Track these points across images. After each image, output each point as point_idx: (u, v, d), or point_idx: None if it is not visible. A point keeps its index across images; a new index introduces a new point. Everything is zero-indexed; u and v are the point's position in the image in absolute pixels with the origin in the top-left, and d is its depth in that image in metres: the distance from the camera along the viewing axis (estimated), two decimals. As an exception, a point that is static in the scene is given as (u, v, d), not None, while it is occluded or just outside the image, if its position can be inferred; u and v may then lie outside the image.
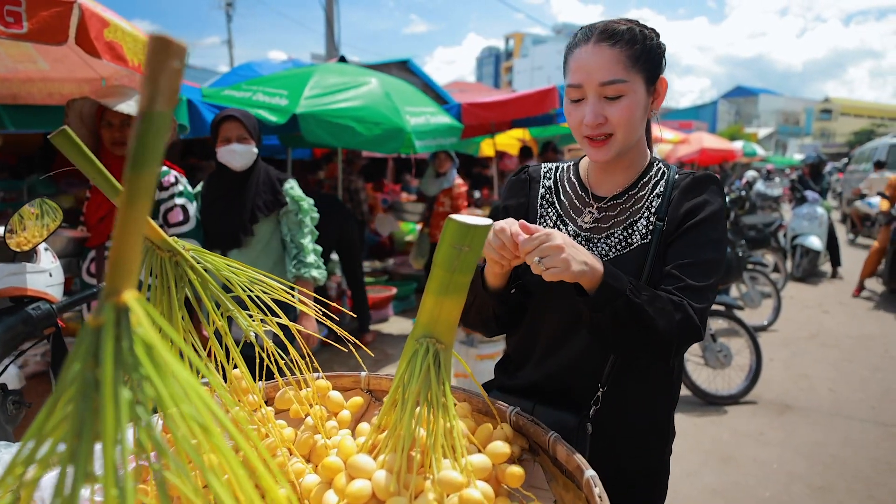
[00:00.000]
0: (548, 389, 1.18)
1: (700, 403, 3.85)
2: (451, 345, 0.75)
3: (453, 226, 0.66)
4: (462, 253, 0.67)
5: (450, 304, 0.71)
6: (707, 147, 16.33)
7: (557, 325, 1.16)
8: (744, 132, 36.91)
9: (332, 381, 1.20)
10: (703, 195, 1.12)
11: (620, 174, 1.18)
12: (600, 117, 1.07)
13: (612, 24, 1.08)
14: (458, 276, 0.69)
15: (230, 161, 2.48)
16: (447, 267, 0.69)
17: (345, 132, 4.08)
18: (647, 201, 1.15)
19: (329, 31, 12.82)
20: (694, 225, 1.09)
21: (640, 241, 1.12)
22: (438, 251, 0.69)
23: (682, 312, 1.01)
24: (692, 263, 1.07)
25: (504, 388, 1.24)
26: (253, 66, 5.70)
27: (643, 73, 1.07)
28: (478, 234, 0.66)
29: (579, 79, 1.07)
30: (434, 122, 4.74)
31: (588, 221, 1.17)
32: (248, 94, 4.29)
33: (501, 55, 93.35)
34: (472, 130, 5.95)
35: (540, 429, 0.95)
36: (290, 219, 2.56)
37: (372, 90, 4.40)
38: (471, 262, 0.68)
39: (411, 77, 10.02)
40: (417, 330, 0.74)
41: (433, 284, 0.71)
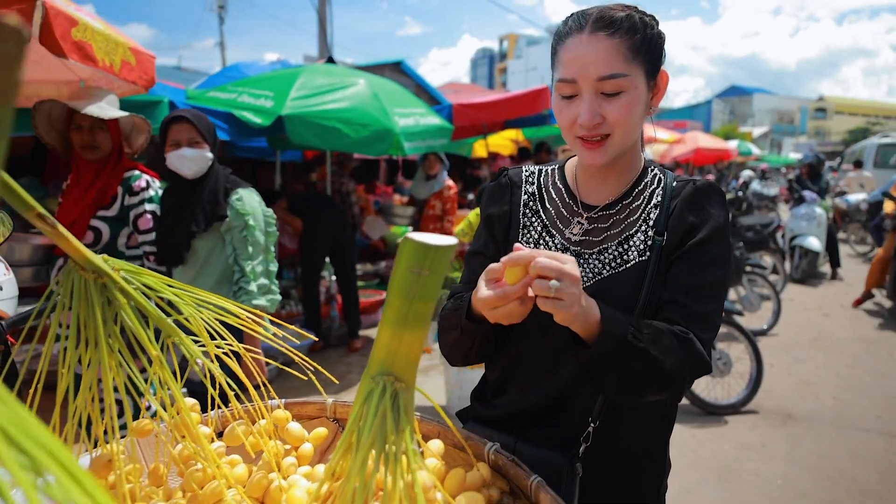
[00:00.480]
0: (531, 423, 1.06)
1: (699, 413, 3.74)
2: (413, 383, 0.64)
3: (410, 246, 0.55)
4: (421, 278, 0.56)
5: (410, 336, 0.60)
6: (702, 147, 16.27)
7: (545, 349, 1.04)
8: (738, 131, 36.91)
9: (295, 408, 1.08)
10: (707, 207, 1.00)
11: (613, 180, 1.06)
12: (597, 116, 0.94)
13: (608, 11, 0.95)
14: (419, 305, 0.58)
15: (179, 167, 2.20)
16: (405, 294, 0.58)
17: (331, 134, 3.98)
18: (644, 212, 1.03)
19: (322, 33, 12.73)
20: (698, 243, 0.98)
21: (638, 257, 1.00)
22: (394, 276, 0.59)
23: (688, 348, 0.91)
24: (698, 287, 0.96)
25: (482, 419, 1.12)
26: (241, 68, 5.59)
27: (644, 65, 0.96)
28: (439, 256, 0.56)
29: (573, 73, 0.95)
30: (423, 123, 4.64)
31: (577, 233, 1.05)
32: (233, 96, 4.19)
33: (496, 56, 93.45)
34: (463, 131, 5.87)
35: (522, 471, 0.84)
36: (234, 236, 2.24)
37: (360, 91, 4.30)
38: (432, 288, 0.57)
39: (404, 78, 9.93)
40: (373, 367, 0.63)
41: (389, 315, 0.60)
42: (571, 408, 1.03)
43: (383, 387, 0.62)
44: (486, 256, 1.12)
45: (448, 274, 4.87)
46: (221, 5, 19.35)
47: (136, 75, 2.50)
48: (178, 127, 2.20)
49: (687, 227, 0.99)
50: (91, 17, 2.31)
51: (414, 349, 0.62)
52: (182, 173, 2.21)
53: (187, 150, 2.18)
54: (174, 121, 2.22)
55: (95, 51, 2.19)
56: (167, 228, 2.24)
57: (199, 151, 2.20)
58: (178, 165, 2.20)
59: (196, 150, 2.20)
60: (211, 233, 2.22)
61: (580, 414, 1.01)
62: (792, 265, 7.56)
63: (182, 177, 2.23)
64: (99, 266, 0.77)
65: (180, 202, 2.25)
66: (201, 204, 2.21)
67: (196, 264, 2.24)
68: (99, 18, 2.38)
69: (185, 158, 2.19)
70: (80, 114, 2.12)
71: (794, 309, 6.25)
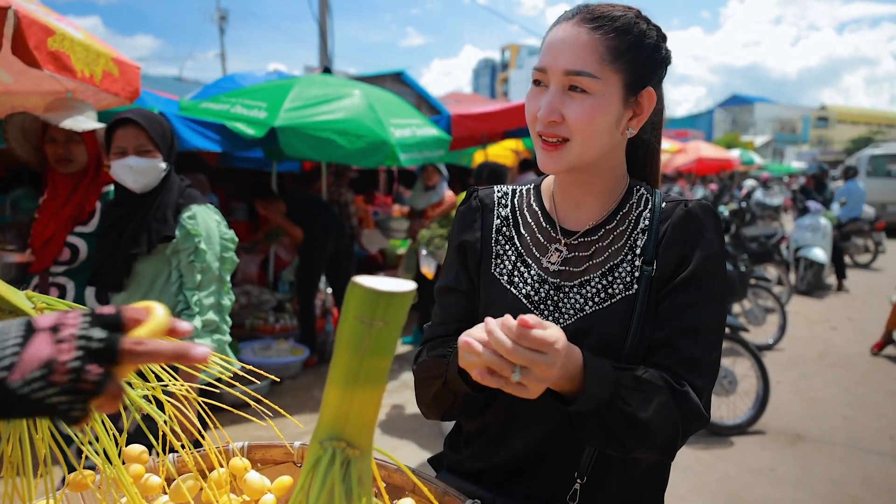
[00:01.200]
0: (511, 476, 0.95)
1: (704, 434, 3.60)
2: (369, 449, 0.54)
3: (358, 293, 0.47)
4: (374, 329, 0.48)
5: (363, 396, 0.51)
6: (704, 156, 16.19)
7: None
8: (740, 140, 36.82)
9: (259, 452, 0.98)
10: (701, 234, 0.89)
11: (592, 201, 0.95)
12: (555, 113, 0.85)
13: (605, 7, 0.87)
14: (372, 361, 0.50)
15: (124, 179, 1.87)
16: (354, 348, 0.49)
17: (326, 145, 3.91)
18: (630, 238, 0.92)
19: (322, 44, 12.73)
20: (691, 276, 0.87)
21: (625, 291, 0.89)
22: (341, 326, 0.50)
23: (683, 403, 0.82)
24: (693, 329, 0.86)
25: (455, 469, 1.02)
26: (235, 78, 5.53)
27: (623, 73, 0.85)
28: (394, 304, 0.48)
29: (545, 61, 0.87)
30: (420, 134, 4.56)
31: (555, 262, 0.94)
32: (226, 107, 4.13)
33: (497, 66, 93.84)
34: (462, 142, 5.80)
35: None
36: (182, 261, 1.89)
37: (355, 102, 4.23)
38: (387, 341, 0.49)
39: (405, 89, 9.88)
40: (321, 430, 0.54)
41: (337, 372, 0.51)
42: (555, 461, 0.92)
43: (332, 454, 0.53)
44: (461, 292, 1.00)
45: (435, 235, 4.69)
46: (222, 16, 19.43)
47: (120, 87, 2.42)
48: (123, 132, 1.88)
49: (679, 256, 0.89)
50: (72, 26, 2.23)
51: (368, 411, 0.52)
52: (127, 186, 1.89)
53: (134, 160, 1.85)
54: (119, 124, 1.89)
55: (74, 61, 2.11)
56: (107, 249, 1.93)
57: (148, 161, 1.87)
58: (123, 176, 1.87)
59: (145, 160, 1.87)
60: (157, 255, 1.91)
61: (565, 468, 0.90)
62: (797, 277, 7.44)
63: (128, 190, 1.92)
64: (17, 305, 0.68)
65: (124, 219, 1.94)
66: (146, 222, 1.90)
67: (139, 291, 1.92)
68: (81, 28, 2.31)
69: (130, 169, 1.85)
70: (53, 126, 2.03)
71: (800, 322, 6.12)
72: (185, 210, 1.93)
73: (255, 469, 0.90)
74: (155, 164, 1.89)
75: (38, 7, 2.11)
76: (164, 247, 1.91)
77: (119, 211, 1.95)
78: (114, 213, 1.97)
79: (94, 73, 2.26)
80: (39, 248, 2.19)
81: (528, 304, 0.93)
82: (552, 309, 0.92)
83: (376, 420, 0.53)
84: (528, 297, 0.93)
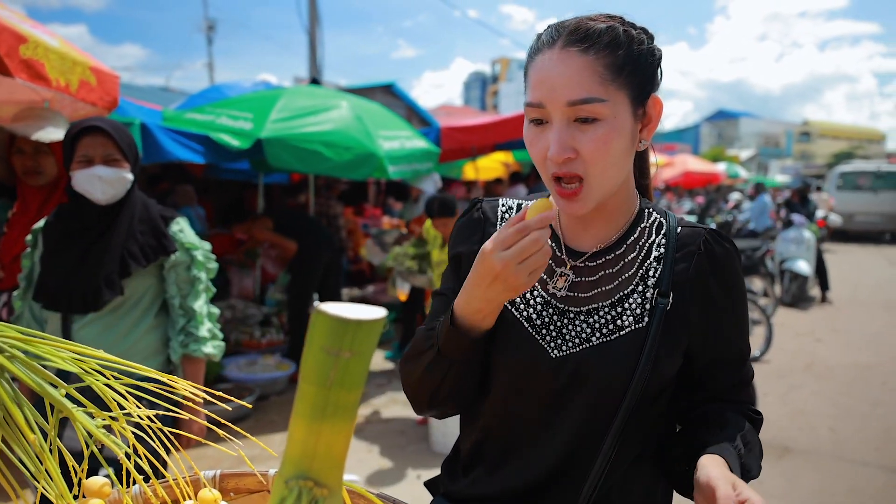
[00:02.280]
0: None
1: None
2: (338, 488, 0.50)
3: (323, 322, 0.43)
4: (341, 360, 0.44)
5: (330, 431, 0.47)
6: (691, 170, 16.35)
7: (534, 411, 0.88)
8: (726, 154, 37.28)
9: (232, 480, 0.93)
10: (733, 266, 0.90)
11: (602, 221, 0.90)
12: (569, 150, 0.78)
13: (586, 22, 0.80)
14: (339, 394, 0.45)
15: (90, 190, 1.73)
16: (320, 381, 0.45)
17: (313, 157, 3.87)
18: (642, 267, 0.88)
19: (312, 55, 12.73)
20: (736, 305, 0.91)
21: (635, 324, 0.85)
22: (306, 356, 0.45)
23: (756, 425, 0.92)
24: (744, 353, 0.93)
25: (452, 497, 0.97)
26: (222, 89, 5.48)
27: (628, 88, 0.80)
28: (362, 333, 0.43)
29: (540, 96, 0.80)
30: (409, 146, 4.54)
31: (562, 287, 0.89)
32: (211, 118, 4.08)
33: (488, 79, 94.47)
34: (451, 154, 5.79)
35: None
36: (180, 275, 1.85)
37: (342, 114, 4.20)
38: (355, 373, 0.45)
39: (395, 101, 9.89)
40: (286, 468, 0.49)
41: (302, 406, 0.46)
42: (557, 494, 0.88)
43: (298, 493, 0.48)
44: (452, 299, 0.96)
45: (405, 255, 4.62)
46: (210, 26, 19.36)
47: (97, 96, 2.37)
48: (89, 140, 1.75)
49: (712, 294, 0.88)
50: (48, 34, 2.19)
51: (337, 447, 0.48)
52: (93, 198, 1.74)
53: (102, 169, 1.73)
54: (85, 132, 1.76)
55: (48, 70, 2.06)
56: (69, 266, 1.76)
57: (116, 171, 1.75)
58: (89, 187, 1.73)
59: (113, 170, 1.74)
60: (144, 272, 1.82)
61: (567, 500, 0.86)
62: (782, 289, 7.49)
63: (89, 203, 1.76)
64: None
65: (86, 234, 1.79)
66: (132, 235, 1.79)
67: (121, 309, 1.80)
68: (58, 36, 2.26)
69: (98, 179, 1.72)
70: (21, 137, 1.97)
71: (786, 334, 6.15)
72: (174, 223, 1.86)
73: (227, 500, 0.85)
74: (123, 174, 1.77)
75: (11, 13, 2.06)
76: (163, 260, 1.83)
77: (76, 225, 1.80)
78: (70, 226, 1.81)
79: (69, 81, 2.21)
80: (10, 264, 2.12)
81: (530, 327, 0.88)
82: (555, 335, 0.87)
83: (346, 456, 0.49)
84: (529, 321, 0.88)
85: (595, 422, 0.85)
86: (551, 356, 0.86)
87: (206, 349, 1.86)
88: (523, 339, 0.87)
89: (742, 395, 0.93)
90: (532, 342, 0.87)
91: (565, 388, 0.85)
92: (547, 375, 0.86)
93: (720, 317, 0.88)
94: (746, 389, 0.94)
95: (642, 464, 0.89)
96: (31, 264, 1.83)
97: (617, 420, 0.83)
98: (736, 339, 0.91)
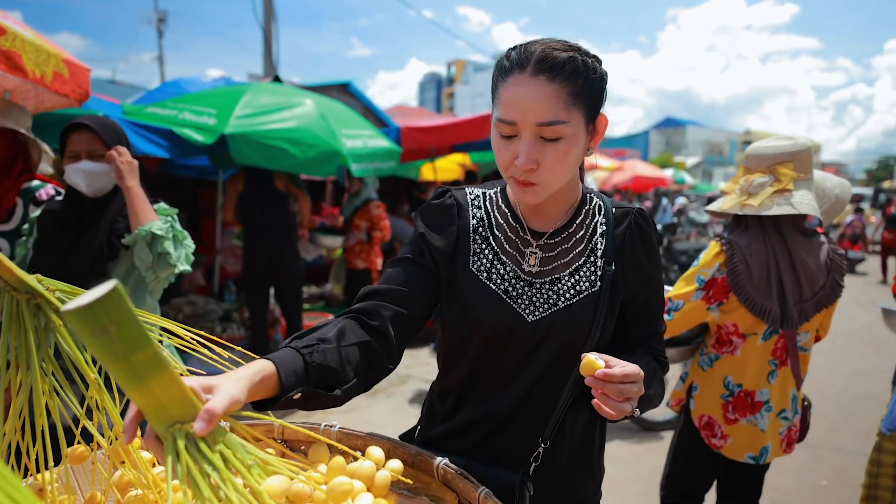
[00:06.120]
0: (480, 443, 1.07)
1: (637, 430, 3.85)
2: (195, 414, 0.59)
3: (74, 318, 0.49)
4: (112, 334, 0.50)
5: (157, 383, 0.55)
6: (640, 175, 16.97)
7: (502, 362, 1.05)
8: (673, 161, 38.70)
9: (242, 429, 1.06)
10: (653, 238, 1.10)
11: (552, 208, 1.09)
12: (533, 161, 0.94)
13: (552, 52, 0.93)
14: (135, 356, 0.52)
15: (77, 183, 1.85)
16: (114, 357, 0.52)
17: (277, 154, 3.93)
18: (591, 241, 1.07)
19: (267, 51, 12.58)
20: (657, 268, 1.10)
21: (590, 288, 1.04)
22: (91, 349, 0.52)
23: (665, 367, 1.13)
24: (660, 309, 1.13)
25: (426, 441, 1.13)
26: (181, 84, 5.44)
27: (584, 110, 0.95)
28: (110, 306, 0.49)
29: (513, 115, 0.94)
30: (371, 145, 4.65)
31: (534, 264, 1.06)
32: (173, 113, 4.08)
33: (443, 81, 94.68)
34: (411, 154, 5.91)
35: (470, 483, 0.85)
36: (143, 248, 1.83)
37: (307, 111, 4.27)
38: (133, 336, 0.51)
39: (352, 100, 9.91)
40: (157, 426, 0.58)
41: (123, 382, 0.54)
42: (523, 427, 1.05)
43: (173, 438, 0.58)
44: (421, 265, 1.06)
45: None
46: (161, 18, 18.81)
47: (70, 88, 2.41)
48: (77, 137, 1.88)
49: (640, 259, 1.07)
50: (21, 26, 2.22)
51: (172, 389, 0.57)
52: (81, 189, 1.86)
53: (87, 164, 1.84)
54: (73, 129, 1.89)
55: (25, 61, 2.10)
56: (60, 253, 1.84)
57: (100, 166, 1.86)
58: (77, 180, 1.85)
59: (97, 164, 1.86)
60: (125, 257, 1.89)
61: (530, 435, 1.04)
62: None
63: (80, 195, 1.88)
64: (32, 286, 0.74)
65: (75, 224, 1.88)
66: (118, 222, 1.88)
67: None
68: (29, 27, 2.29)
69: (83, 173, 1.83)
70: None
71: (725, 329, 6.54)
72: (156, 205, 1.92)
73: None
74: (107, 168, 1.87)
75: (-12, 6, 2.09)
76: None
77: (68, 215, 1.90)
78: (62, 216, 1.90)
79: (44, 73, 2.25)
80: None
81: (507, 298, 1.04)
82: (528, 303, 1.04)
83: (184, 391, 0.57)
84: (506, 293, 1.05)
85: (558, 369, 1.03)
86: (527, 321, 1.03)
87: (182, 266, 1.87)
88: (503, 308, 1.04)
89: (655, 343, 1.13)
90: (510, 310, 1.04)
91: (537, 344, 1.03)
92: (524, 337, 1.03)
93: (644, 277, 1.08)
94: (659, 339, 1.14)
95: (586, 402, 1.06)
96: (25, 251, 1.90)
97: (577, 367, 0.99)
98: (654, 297, 1.11)
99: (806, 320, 1.85)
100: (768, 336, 1.87)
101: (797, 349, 1.89)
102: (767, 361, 1.89)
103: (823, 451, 3.67)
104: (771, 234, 1.86)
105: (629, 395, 0.88)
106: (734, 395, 1.92)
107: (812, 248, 1.86)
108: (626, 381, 0.87)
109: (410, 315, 1.02)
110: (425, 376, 4.85)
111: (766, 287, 1.83)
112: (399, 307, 1.01)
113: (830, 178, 1.90)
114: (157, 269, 1.86)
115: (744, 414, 1.91)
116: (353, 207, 5.51)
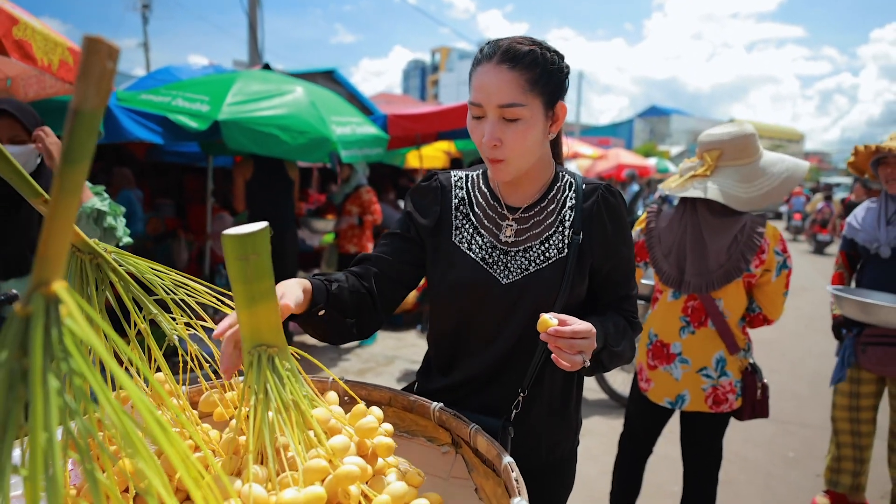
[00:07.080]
0: (468, 394, 1.22)
1: (616, 406, 4.04)
2: (284, 345, 0.74)
3: (229, 241, 0.64)
4: (250, 262, 0.65)
5: (263, 310, 0.69)
6: (624, 163, 17.17)
7: (488, 319, 1.19)
8: (657, 150, 38.99)
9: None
10: (621, 210, 1.22)
11: (527, 185, 1.22)
12: (496, 139, 1.08)
13: (515, 45, 1.07)
14: (258, 284, 0.67)
15: None
16: (243, 279, 0.66)
17: (269, 140, 4.02)
18: (560, 214, 1.20)
19: (252, 38, 12.52)
20: (623, 238, 1.21)
21: (558, 255, 1.17)
22: (228, 267, 0.67)
23: (636, 328, 1.24)
24: (629, 274, 1.24)
25: (422, 393, 1.28)
26: (172, 71, 5.49)
27: (542, 96, 1.08)
28: (258, 240, 0.64)
29: (480, 98, 1.08)
30: (360, 132, 4.75)
31: (510, 235, 1.20)
32: (167, 99, 4.15)
33: (428, 68, 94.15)
34: (397, 142, 5.99)
35: (462, 422, 1.00)
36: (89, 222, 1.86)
37: (297, 98, 4.36)
38: (263, 268, 0.66)
39: (337, 87, 9.93)
40: (246, 344, 0.73)
41: (239, 300, 0.69)
42: (505, 379, 1.20)
43: (258, 356, 0.71)
44: (406, 238, 1.24)
45: None
46: (146, 4, 18.55)
47: (73, 75, 2.50)
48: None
49: (607, 230, 1.20)
50: (28, 15, 2.30)
51: (271, 318, 0.71)
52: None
53: (10, 148, 1.87)
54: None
55: (35, 50, 2.20)
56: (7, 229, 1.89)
57: (22, 149, 1.90)
58: None
59: (19, 148, 1.90)
60: None
61: (511, 385, 1.19)
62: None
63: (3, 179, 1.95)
64: (95, 248, 0.87)
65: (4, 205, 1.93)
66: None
67: None
68: (34, 17, 2.38)
69: None
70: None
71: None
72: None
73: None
74: (30, 150, 1.92)
75: (-2, -4, 2.18)
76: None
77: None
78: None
79: (52, 61, 2.34)
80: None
81: (484, 264, 1.19)
82: (502, 268, 1.18)
83: (280, 323, 0.72)
84: (483, 260, 1.19)
85: (534, 327, 1.17)
86: (502, 283, 1.17)
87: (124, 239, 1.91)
88: (479, 273, 1.18)
89: (626, 305, 1.25)
90: (486, 275, 1.18)
91: (512, 305, 1.17)
92: (500, 297, 1.17)
93: (612, 246, 1.21)
94: (630, 302, 1.26)
95: None
96: None
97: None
98: (622, 264, 1.23)
99: (713, 288, 2.07)
100: (677, 296, 2.16)
101: (720, 314, 2.10)
102: (678, 318, 2.16)
103: (792, 426, 3.90)
104: (688, 212, 2.13)
105: (581, 349, 0.99)
106: (653, 344, 2.22)
107: (722, 228, 2.07)
108: (576, 336, 0.98)
109: (395, 280, 1.22)
110: (412, 357, 5.00)
111: (668, 253, 2.15)
112: (385, 272, 1.21)
113: (785, 160, 2.08)
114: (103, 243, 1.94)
115: (661, 362, 2.19)
116: (343, 194, 5.62)
